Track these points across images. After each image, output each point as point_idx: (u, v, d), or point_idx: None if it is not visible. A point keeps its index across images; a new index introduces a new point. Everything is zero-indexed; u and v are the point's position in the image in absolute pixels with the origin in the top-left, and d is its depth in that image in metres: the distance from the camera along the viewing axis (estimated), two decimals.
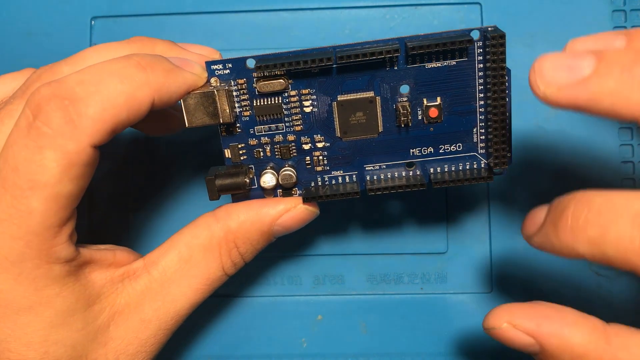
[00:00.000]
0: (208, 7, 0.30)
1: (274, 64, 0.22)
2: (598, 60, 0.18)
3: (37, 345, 0.21)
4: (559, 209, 0.19)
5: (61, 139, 0.19)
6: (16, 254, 0.20)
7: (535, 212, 0.21)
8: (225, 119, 0.22)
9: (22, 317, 0.20)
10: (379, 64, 0.23)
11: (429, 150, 0.24)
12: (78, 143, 0.19)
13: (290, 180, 0.24)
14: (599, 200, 0.18)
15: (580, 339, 0.19)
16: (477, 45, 0.22)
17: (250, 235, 0.24)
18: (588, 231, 0.18)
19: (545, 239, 0.20)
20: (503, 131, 0.23)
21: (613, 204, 0.18)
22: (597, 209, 0.18)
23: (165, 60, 0.22)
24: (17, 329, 0.20)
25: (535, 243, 0.20)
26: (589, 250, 0.18)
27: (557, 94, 0.18)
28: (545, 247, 0.20)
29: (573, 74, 0.18)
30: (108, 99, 0.20)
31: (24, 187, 0.19)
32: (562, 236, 0.19)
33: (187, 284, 0.23)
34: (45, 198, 0.19)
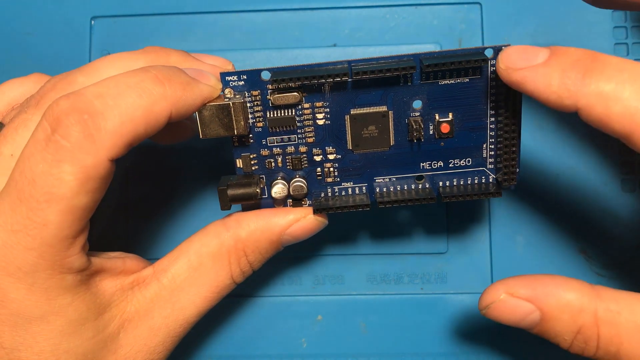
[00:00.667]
0: (208, 7, 0.30)
1: (289, 78, 0.22)
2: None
3: (48, 354, 0.21)
4: (572, 57, 0.20)
5: (79, 153, 0.19)
6: (30, 264, 0.20)
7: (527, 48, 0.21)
8: (240, 131, 0.23)
9: (34, 326, 0.20)
10: (394, 79, 0.23)
11: (438, 165, 0.24)
12: (96, 157, 0.19)
13: (301, 192, 0.24)
14: (615, 60, 0.19)
15: (575, 296, 0.21)
16: (490, 64, 0.22)
17: (260, 244, 0.24)
18: (601, 84, 0.19)
19: (542, 78, 0.20)
20: (513, 148, 0.23)
21: (631, 66, 0.19)
22: (614, 67, 0.19)
23: (182, 72, 0.22)
24: (29, 338, 0.20)
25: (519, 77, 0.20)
26: (592, 102, 0.19)
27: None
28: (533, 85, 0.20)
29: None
30: (126, 113, 0.20)
31: (41, 199, 0.19)
32: (569, 82, 0.19)
33: (196, 292, 0.23)
34: (61, 211, 0.19)
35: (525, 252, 0.29)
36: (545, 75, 0.20)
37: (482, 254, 0.29)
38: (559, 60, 0.20)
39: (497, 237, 0.29)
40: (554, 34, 0.29)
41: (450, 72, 0.23)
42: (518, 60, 0.20)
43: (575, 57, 0.19)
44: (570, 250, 0.29)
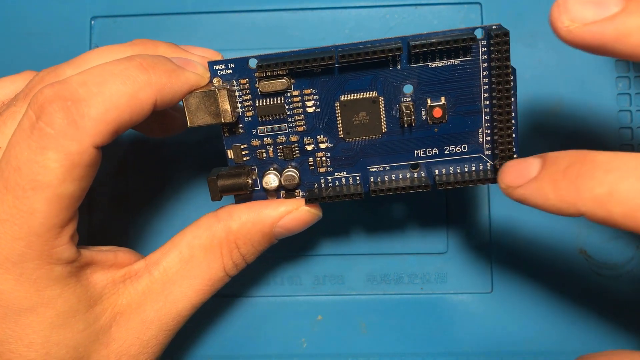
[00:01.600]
0: (208, 7, 0.30)
1: (275, 63, 0.22)
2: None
3: (38, 346, 0.21)
4: (561, 165, 0.19)
5: (64, 140, 0.19)
6: (17, 254, 0.20)
7: (521, 163, 0.21)
8: (227, 119, 0.22)
9: (23, 318, 0.20)
10: (382, 63, 0.23)
11: (433, 152, 0.24)
12: (80, 144, 0.19)
13: (292, 181, 0.24)
14: (604, 159, 0.18)
15: None
16: (481, 44, 0.22)
17: (252, 236, 0.24)
18: (595, 189, 0.18)
19: (537, 193, 0.20)
20: (509, 131, 0.22)
21: (620, 162, 0.18)
22: (603, 167, 0.18)
23: (168, 60, 0.22)
24: (19, 330, 0.20)
25: (519, 195, 0.20)
26: (592, 208, 0.18)
27: (583, 30, 0.18)
28: (533, 201, 0.20)
29: (601, 10, 0.17)
30: (110, 100, 0.20)
31: (26, 187, 0.19)
32: (563, 192, 0.19)
33: (188, 285, 0.23)
34: (47, 199, 0.19)
35: (525, 252, 0.29)
36: (540, 190, 0.19)
37: (482, 254, 0.29)
38: (549, 171, 0.19)
39: (497, 237, 0.29)
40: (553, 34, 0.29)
41: (440, 54, 0.22)
42: (514, 178, 0.20)
43: (564, 164, 0.19)
44: (570, 250, 0.29)
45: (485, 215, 0.29)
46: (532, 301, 0.29)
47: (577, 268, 0.29)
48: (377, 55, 0.22)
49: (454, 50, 0.22)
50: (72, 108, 0.19)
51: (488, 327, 0.29)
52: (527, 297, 0.29)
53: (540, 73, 0.29)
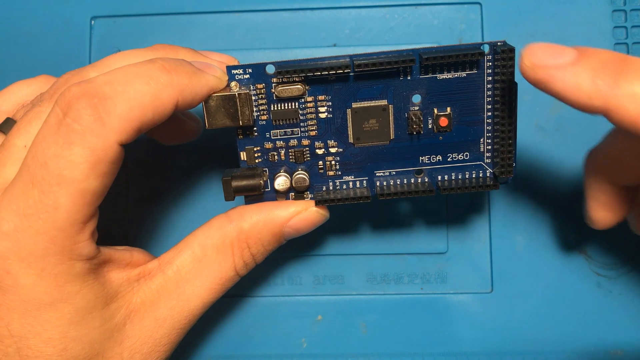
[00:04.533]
0: (208, 7, 0.30)
1: (293, 70, 0.23)
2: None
3: (56, 342, 0.21)
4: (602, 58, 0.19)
5: (90, 136, 0.20)
6: (41, 249, 0.20)
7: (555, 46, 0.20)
8: (245, 122, 0.23)
9: (42, 313, 0.21)
10: (393, 73, 0.23)
11: (437, 159, 0.25)
12: (106, 140, 0.20)
13: (303, 184, 0.24)
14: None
15: None
16: (487, 59, 0.23)
17: (262, 236, 0.24)
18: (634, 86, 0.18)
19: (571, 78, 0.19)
20: (509, 141, 0.24)
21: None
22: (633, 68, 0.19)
23: (188, 63, 0.22)
24: (37, 325, 0.21)
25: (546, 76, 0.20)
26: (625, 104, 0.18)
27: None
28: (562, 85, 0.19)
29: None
30: (135, 98, 0.20)
31: (52, 182, 0.20)
32: (601, 82, 0.19)
33: (200, 284, 0.24)
34: (71, 194, 0.20)
35: (525, 252, 0.29)
36: (576, 75, 0.19)
37: (482, 254, 0.29)
38: (589, 60, 0.19)
39: (497, 237, 0.29)
40: (554, 34, 0.29)
41: (449, 67, 0.23)
42: (545, 57, 0.20)
43: (605, 58, 0.19)
44: (570, 250, 0.29)
45: (485, 215, 0.29)
46: (532, 301, 0.29)
47: (577, 268, 0.29)
48: (391, 65, 0.23)
49: (461, 64, 0.23)
50: (98, 105, 0.20)
51: (488, 327, 0.29)
52: (527, 297, 0.29)
53: None
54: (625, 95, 0.18)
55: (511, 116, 0.23)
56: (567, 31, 0.29)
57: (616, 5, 0.29)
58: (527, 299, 0.29)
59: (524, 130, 0.29)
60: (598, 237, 0.29)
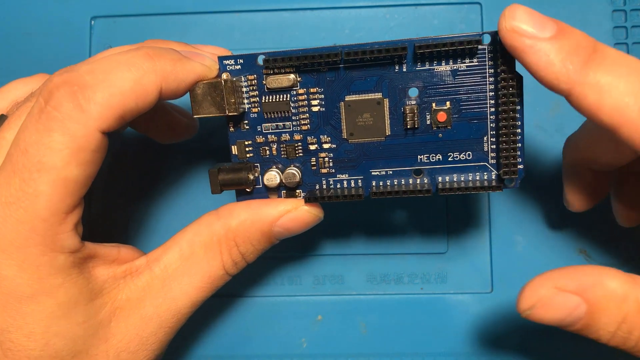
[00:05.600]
0: (208, 7, 0.30)
1: (282, 59, 0.22)
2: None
3: (38, 336, 0.21)
4: (575, 40, 0.20)
5: (70, 123, 0.20)
6: (22, 238, 0.20)
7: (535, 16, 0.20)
8: (231, 111, 0.23)
9: (24, 306, 0.20)
10: (388, 64, 0.23)
11: (437, 158, 0.23)
12: (86, 127, 0.20)
13: (293, 179, 0.24)
14: (614, 54, 0.19)
15: (618, 284, 0.20)
16: (488, 50, 0.22)
17: (250, 234, 0.24)
18: (599, 75, 0.19)
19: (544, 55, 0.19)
20: (514, 137, 0.22)
21: (627, 60, 0.19)
22: (612, 60, 0.19)
23: (174, 51, 0.22)
24: (19, 319, 0.20)
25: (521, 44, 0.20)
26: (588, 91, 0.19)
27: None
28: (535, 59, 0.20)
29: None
30: (115, 85, 0.20)
31: (32, 169, 0.20)
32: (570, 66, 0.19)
33: (188, 282, 0.23)
34: (52, 181, 0.20)
35: (525, 252, 0.29)
36: (549, 52, 0.19)
37: (482, 254, 0.29)
38: (565, 41, 0.20)
39: (497, 237, 0.29)
40: None
41: (446, 57, 0.22)
42: (525, 24, 0.20)
43: (579, 42, 0.20)
44: (570, 250, 0.29)
45: (485, 215, 0.29)
46: None
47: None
48: (382, 54, 0.22)
49: (460, 54, 0.22)
50: (78, 93, 0.20)
51: (488, 327, 0.29)
52: None
53: None
54: (588, 84, 0.19)
55: (515, 110, 0.22)
56: None
57: (616, 5, 0.29)
58: None
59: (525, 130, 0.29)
60: (598, 237, 0.29)
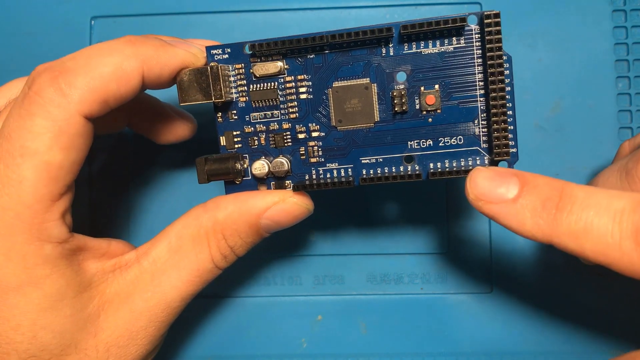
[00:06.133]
0: (208, 7, 0.30)
1: (267, 44, 0.22)
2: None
3: (25, 329, 0.20)
4: (541, 194, 0.20)
5: (51, 107, 0.20)
6: (7, 226, 0.20)
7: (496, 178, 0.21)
8: (217, 97, 0.23)
9: (10, 297, 0.20)
10: (374, 47, 0.22)
11: (427, 144, 0.23)
12: (67, 111, 0.20)
13: (281, 168, 0.23)
14: (582, 195, 0.19)
15: None
16: (475, 31, 0.22)
17: (238, 226, 0.23)
18: (571, 224, 0.19)
19: (514, 218, 0.20)
20: (504, 117, 0.22)
21: (596, 199, 0.19)
22: (581, 203, 0.19)
23: (157, 38, 0.22)
24: (6, 310, 0.20)
25: (489, 211, 0.21)
26: (565, 241, 0.19)
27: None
28: (507, 223, 0.20)
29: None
30: (96, 69, 0.21)
31: (16, 154, 0.20)
32: (541, 222, 0.20)
33: (177, 275, 0.23)
34: (36, 166, 0.20)
35: (525, 252, 0.29)
36: (517, 215, 0.20)
37: (482, 254, 0.29)
38: (530, 197, 0.20)
39: (497, 237, 0.29)
40: (554, 34, 0.29)
41: (433, 38, 0.22)
42: (488, 192, 0.21)
43: (544, 194, 0.20)
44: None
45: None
46: (532, 301, 0.29)
47: (577, 268, 0.29)
48: (367, 36, 0.22)
49: (446, 34, 0.22)
50: (59, 77, 0.20)
51: (488, 327, 0.29)
52: (527, 297, 0.29)
53: (540, 73, 0.29)
54: (564, 233, 0.19)
55: (504, 89, 0.21)
56: (567, 31, 0.29)
57: (616, 5, 0.29)
58: (527, 299, 0.29)
59: (524, 130, 0.29)
60: None
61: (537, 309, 0.29)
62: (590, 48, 0.29)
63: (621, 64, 0.29)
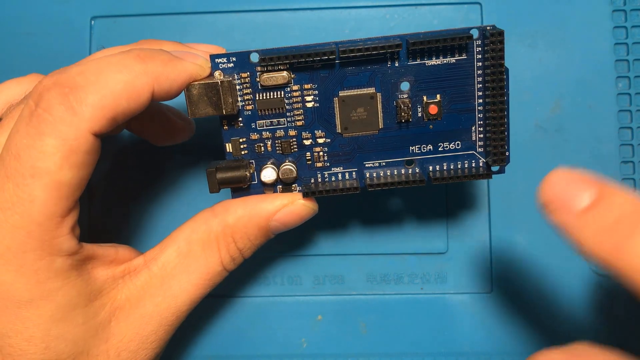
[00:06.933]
0: (208, 7, 0.30)
1: (277, 57, 0.22)
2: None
3: (38, 340, 0.21)
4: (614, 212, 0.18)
5: (61, 126, 0.19)
6: (18, 244, 0.20)
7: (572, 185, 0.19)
8: (228, 110, 0.23)
9: (23, 310, 0.20)
10: (381, 59, 0.23)
11: (428, 148, 0.24)
12: (78, 130, 0.20)
13: (290, 175, 0.24)
14: None
15: None
16: (476, 44, 0.23)
17: (248, 230, 0.24)
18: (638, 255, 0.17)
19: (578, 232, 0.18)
20: (502, 128, 0.23)
21: None
22: None
23: (165, 52, 0.22)
24: (18, 323, 0.20)
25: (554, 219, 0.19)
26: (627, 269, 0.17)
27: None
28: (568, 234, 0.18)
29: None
30: (107, 86, 0.20)
31: (26, 174, 0.19)
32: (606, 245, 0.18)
33: (186, 279, 0.23)
34: (46, 185, 0.19)
35: (525, 252, 0.29)
36: (582, 230, 0.18)
37: (482, 254, 0.29)
38: (601, 216, 0.18)
39: (497, 237, 0.29)
40: (554, 34, 0.29)
41: (437, 52, 0.23)
42: (558, 200, 0.19)
43: (618, 212, 0.18)
44: (570, 250, 0.29)
45: (485, 215, 0.29)
46: (532, 301, 0.29)
47: (577, 269, 0.29)
48: (377, 51, 0.22)
49: (450, 49, 0.23)
50: (69, 95, 0.20)
51: (488, 327, 0.29)
52: (527, 297, 0.29)
53: (540, 73, 0.29)
54: (629, 263, 0.17)
55: (503, 102, 0.23)
56: (567, 31, 0.29)
57: (616, 5, 0.29)
58: (527, 299, 0.29)
59: (524, 130, 0.29)
60: None
61: (537, 309, 0.29)
62: (590, 48, 0.29)
63: (621, 64, 0.29)
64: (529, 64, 0.29)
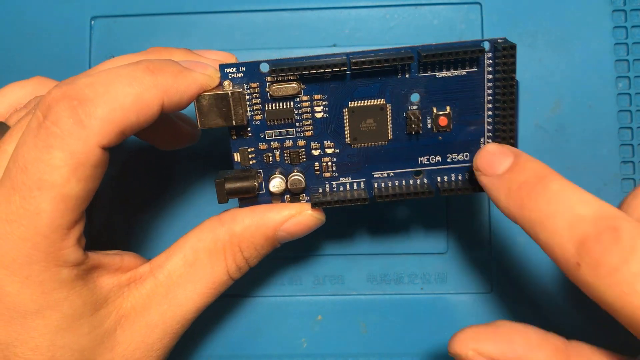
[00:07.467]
0: (208, 7, 0.30)
1: (288, 68, 0.22)
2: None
3: (44, 349, 0.21)
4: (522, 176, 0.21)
5: (69, 139, 0.19)
6: (24, 255, 0.20)
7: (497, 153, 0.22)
8: (239, 121, 0.23)
9: (29, 321, 0.20)
10: (392, 71, 0.23)
11: (437, 159, 0.24)
12: (86, 143, 0.19)
13: (299, 186, 0.24)
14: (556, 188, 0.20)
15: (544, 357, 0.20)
16: (487, 57, 0.23)
17: (255, 239, 0.24)
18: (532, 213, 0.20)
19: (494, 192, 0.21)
20: (511, 140, 0.23)
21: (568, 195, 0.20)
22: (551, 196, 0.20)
23: (175, 63, 0.22)
24: (24, 333, 0.20)
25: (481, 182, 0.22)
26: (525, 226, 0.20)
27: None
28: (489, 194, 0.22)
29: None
30: (116, 100, 0.20)
31: (33, 187, 0.19)
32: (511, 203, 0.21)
33: (192, 288, 0.23)
34: (53, 198, 0.19)
35: (525, 252, 0.29)
36: (496, 190, 0.21)
37: (482, 254, 0.29)
38: (510, 178, 0.21)
39: (497, 237, 0.29)
40: (554, 34, 0.29)
41: (448, 64, 0.23)
42: (484, 164, 0.22)
43: (524, 176, 0.21)
44: None
45: (485, 215, 0.29)
46: (532, 301, 0.29)
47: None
48: (389, 63, 0.22)
49: (461, 61, 0.23)
50: (78, 108, 0.19)
51: None
52: (527, 297, 0.29)
53: (540, 73, 0.29)
54: (525, 220, 0.20)
55: (512, 115, 0.23)
56: (567, 31, 0.29)
57: (616, 5, 0.29)
58: (527, 299, 0.29)
59: (524, 130, 0.29)
60: None
61: (537, 309, 0.29)
62: (590, 48, 0.29)
63: (621, 64, 0.29)
64: (529, 64, 0.29)
